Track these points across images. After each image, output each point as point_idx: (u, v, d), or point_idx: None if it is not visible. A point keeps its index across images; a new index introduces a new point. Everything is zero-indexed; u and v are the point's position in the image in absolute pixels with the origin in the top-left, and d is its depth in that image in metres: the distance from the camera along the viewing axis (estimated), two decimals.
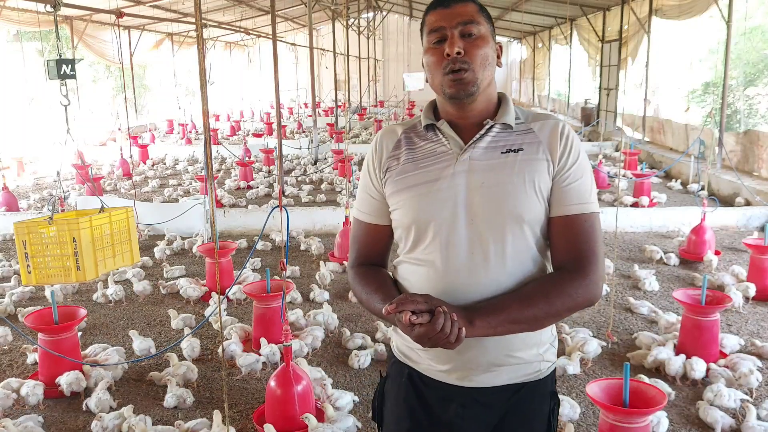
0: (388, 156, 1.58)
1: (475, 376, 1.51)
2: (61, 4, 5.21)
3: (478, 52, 1.45)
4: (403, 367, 1.62)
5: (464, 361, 1.50)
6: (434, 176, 1.50)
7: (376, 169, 1.60)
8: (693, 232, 6.25)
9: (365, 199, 1.64)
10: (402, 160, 1.56)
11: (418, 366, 1.58)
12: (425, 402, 1.57)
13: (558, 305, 1.44)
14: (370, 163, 1.62)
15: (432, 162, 1.52)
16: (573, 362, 3.98)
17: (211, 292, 5.40)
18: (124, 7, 13.84)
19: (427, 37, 1.51)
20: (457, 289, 1.46)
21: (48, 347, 3.88)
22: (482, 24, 1.48)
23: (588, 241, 1.50)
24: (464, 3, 1.48)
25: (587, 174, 1.52)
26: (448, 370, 1.52)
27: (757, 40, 20.73)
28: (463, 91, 1.46)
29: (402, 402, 1.61)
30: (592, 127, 16.20)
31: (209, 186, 3.34)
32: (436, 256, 1.49)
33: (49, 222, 3.94)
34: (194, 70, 24.89)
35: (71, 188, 10.77)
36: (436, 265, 1.49)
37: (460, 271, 1.47)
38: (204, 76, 3.05)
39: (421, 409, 1.58)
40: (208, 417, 3.46)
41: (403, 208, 1.53)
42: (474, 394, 1.52)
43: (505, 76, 31.29)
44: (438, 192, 1.49)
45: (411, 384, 1.59)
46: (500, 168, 1.47)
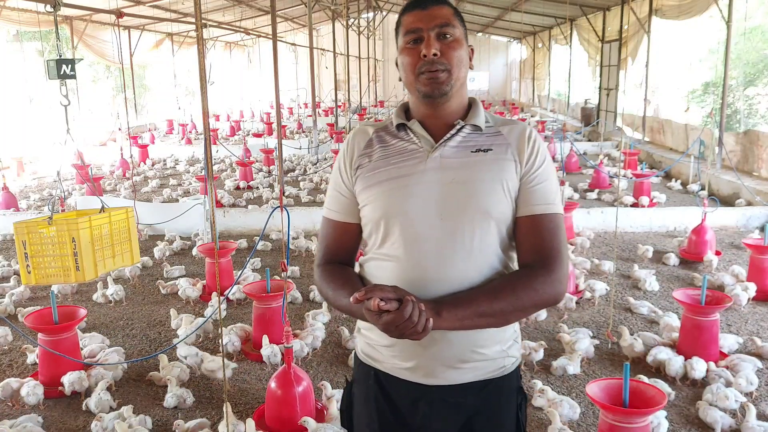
0: (360, 154, 1.61)
1: (441, 373, 1.52)
2: (61, 4, 5.21)
3: (454, 54, 1.51)
4: (368, 369, 1.63)
5: (429, 356, 1.51)
6: (405, 172, 1.53)
7: (347, 167, 1.62)
8: (693, 232, 6.25)
9: (335, 197, 1.65)
10: (374, 158, 1.58)
11: (383, 366, 1.59)
12: (393, 404, 1.59)
13: (524, 300, 1.47)
14: (341, 162, 1.64)
15: (403, 159, 1.55)
16: (573, 362, 3.98)
17: (211, 292, 5.40)
18: (124, 7, 13.84)
19: (403, 38, 1.54)
20: (425, 283, 1.49)
21: (48, 347, 3.88)
22: (457, 27, 1.53)
23: (553, 240, 1.53)
24: (440, 5, 1.52)
25: (552, 177, 1.57)
26: (412, 367, 1.53)
27: (757, 40, 20.73)
28: (437, 90, 1.50)
29: (371, 404, 1.62)
30: (592, 127, 16.20)
31: (209, 186, 3.34)
32: (405, 251, 1.51)
33: (49, 222, 3.93)
34: (194, 70, 24.90)
35: (72, 188, 10.78)
36: (405, 260, 1.51)
37: (428, 266, 1.49)
38: (204, 76, 3.05)
39: (390, 411, 1.59)
40: (208, 417, 3.46)
41: (374, 203, 1.55)
42: (440, 393, 1.54)
43: (505, 76, 31.31)
44: (408, 188, 1.52)
45: (377, 386, 1.60)
46: (470, 166, 1.52)
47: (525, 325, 4.81)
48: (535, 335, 4.61)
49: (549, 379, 3.96)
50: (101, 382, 3.72)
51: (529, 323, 4.82)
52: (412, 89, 1.55)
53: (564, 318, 4.85)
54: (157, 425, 3.51)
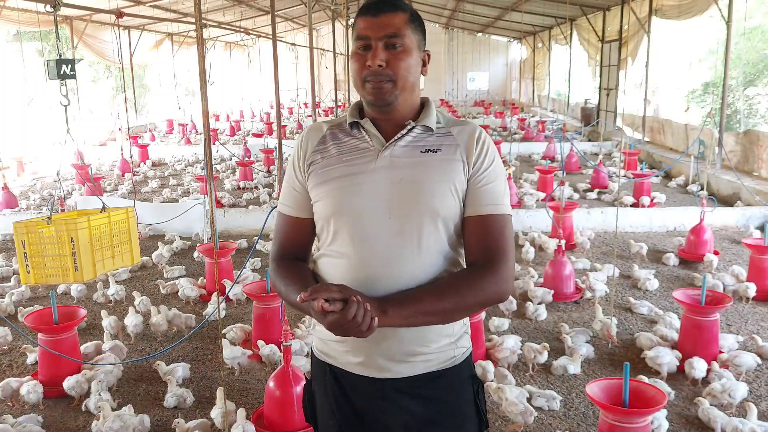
0: (313, 150, 1.62)
1: (392, 367, 1.55)
2: (61, 4, 5.21)
3: (401, 64, 1.52)
4: (323, 365, 1.66)
5: (380, 351, 1.54)
6: (356, 170, 1.56)
7: (300, 163, 1.64)
8: (692, 232, 6.25)
9: (289, 192, 1.67)
10: (326, 155, 1.60)
11: (337, 361, 1.61)
12: (349, 398, 1.61)
13: (469, 299, 1.49)
14: (294, 158, 1.66)
15: (354, 157, 1.58)
16: (574, 362, 3.98)
17: (211, 292, 5.40)
18: (124, 7, 13.84)
19: (353, 42, 1.57)
20: (373, 280, 1.51)
21: (48, 347, 3.87)
22: (407, 36, 1.53)
23: (499, 239, 1.55)
24: (394, 12, 1.52)
25: (501, 178, 1.60)
26: (364, 362, 1.56)
27: (757, 40, 20.74)
28: (381, 100, 1.54)
29: (330, 399, 1.64)
30: (592, 127, 16.19)
31: (209, 186, 3.33)
32: (354, 249, 1.53)
33: (48, 222, 3.93)
34: (194, 70, 24.90)
35: (71, 188, 10.77)
36: (354, 257, 1.53)
37: (376, 264, 1.52)
38: (204, 76, 3.04)
39: (347, 404, 1.62)
40: (208, 417, 3.46)
41: (324, 199, 1.57)
42: (393, 386, 1.56)
43: (505, 76, 31.29)
44: (358, 185, 1.54)
45: (334, 381, 1.63)
46: (419, 166, 1.55)
47: (525, 325, 4.81)
48: (535, 335, 4.61)
49: (549, 379, 3.96)
50: (94, 383, 3.68)
51: (530, 323, 4.82)
52: (360, 93, 1.59)
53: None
54: (156, 425, 3.51)
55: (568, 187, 9.05)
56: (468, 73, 30.70)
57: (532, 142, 14.90)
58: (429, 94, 1.66)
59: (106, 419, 3.27)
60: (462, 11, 23.10)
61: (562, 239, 5.41)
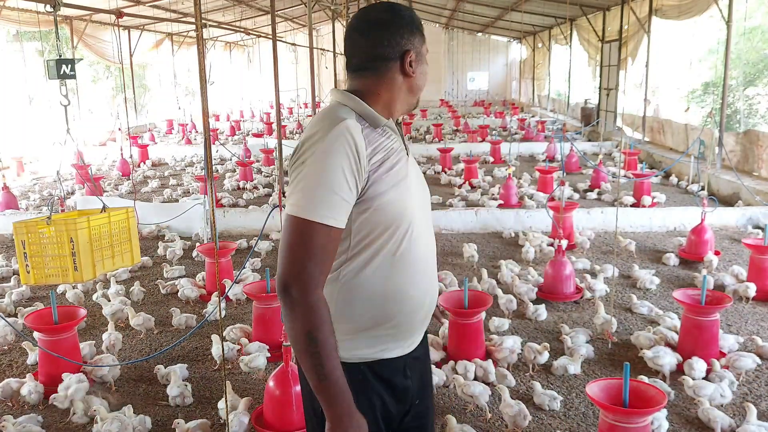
0: (370, 151, 1.53)
1: (420, 336, 1.75)
2: (60, 4, 5.21)
3: None
4: (356, 366, 1.61)
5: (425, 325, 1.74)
6: (405, 171, 1.61)
7: (358, 168, 1.49)
8: (693, 232, 6.25)
9: (338, 202, 1.46)
10: (380, 157, 1.55)
11: (379, 355, 1.63)
12: (387, 381, 1.66)
13: None
14: (348, 163, 1.47)
15: (398, 158, 1.60)
16: (574, 362, 3.98)
17: (211, 293, 5.40)
18: (124, 7, 13.84)
19: (425, 52, 1.72)
20: (433, 271, 1.71)
21: (48, 347, 3.87)
22: None
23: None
24: None
25: None
26: (411, 342, 1.70)
27: (757, 40, 20.74)
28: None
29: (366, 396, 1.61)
30: (592, 127, 16.19)
31: (209, 186, 3.33)
32: (420, 247, 1.62)
33: (48, 222, 3.93)
34: (194, 70, 24.89)
35: (71, 188, 10.77)
36: (423, 254, 1.63)
37: (429, 255, 1.69)
38: (204, 76, 3.04)
39: (385, 390, 1.66)
40: (208, 417, 3.46)
41: (395, 203, 1.55)
42: (413, 354, 1.71)
43: (505, 76, 31.28)
44: (411, 185, 1.62)
45: (371, 373, 1.63)
46: (413, 161, 1.72)
47: (525, 325, 4.81)
48: (535, 335, 4.61)
49: (549, 378, 3.95)
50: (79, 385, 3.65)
51: (530, 323, 4.82)
52: (412, 96, 1.69)
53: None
54: (157, 425, 3.51)
55: (568, 187, 9.05)
56: (468, 73, 30.71)
57: (532, 142, 14.90)
58: (429, 95, 1.83)
59: (104, 421, 3.27)
60: (462, 11, 23.10)
61: (563, 239, 5.41)
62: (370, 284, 1.56)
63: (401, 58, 1.61)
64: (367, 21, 1.64)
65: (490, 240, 7.21)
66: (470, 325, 4.13)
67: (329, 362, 1.44)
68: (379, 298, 1.57)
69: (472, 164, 10.58)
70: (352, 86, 1.66)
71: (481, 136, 15.62)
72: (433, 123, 17.95)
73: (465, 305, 4.14)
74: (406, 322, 1.62)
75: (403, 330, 1.64)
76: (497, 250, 6.83)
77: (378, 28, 1.61)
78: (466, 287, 4.17)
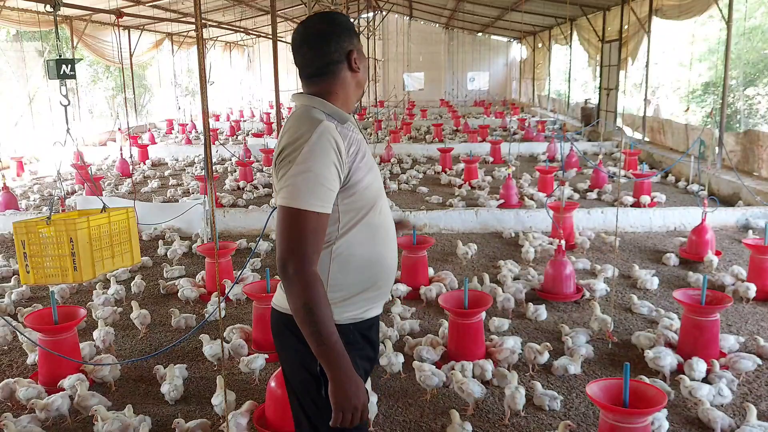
0: (347, 146, 1.79)
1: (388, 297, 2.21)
2: (60, 4, 5.21)
3: None
4: (348, 327, 1.88)
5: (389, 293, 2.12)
6: (372, 158, 1.92)
7: (341, 161, 1.76)
8: (693, 232, 6.25)
9: (326, 191, 1.73)
10: (354, 149, 1.82)
11: (362, 315, 1.92)
12: (368, 339, 1.98)
13: None
14: (333, 159, 1.74)
15: (365, 147, 1.89)
16: (574, 362, 3.98)
17: (211, 293, 5.40)
18: (124, 7, 13.84)
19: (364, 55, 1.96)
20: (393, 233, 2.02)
21: (48, 347, 3.87)
22: None
23: None
24: None
25: None
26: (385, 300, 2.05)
27: (757, 40, 20.73)
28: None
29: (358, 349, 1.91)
30: (592, 127, 16.20)
31: (209, 186, 3.34)
32: (387, 219, 1.97)
33: (47, 222, 3.93)
34: (194, 70, 24.89)
35: (71, 188, 10.77)
36: (387, 221, 1.97)
37: (391, 221, 2.02)
38: (204, 76, 3.04)
39: (368, 344, 1.98)
40: (208, 417, 3.46)
41: (371, 186, 1.86)
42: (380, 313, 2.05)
43: (505, 76, 31.29)
44: (375, 168, 1.92)
45: (358, 332, 1.92)
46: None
47: (525, 325, 4.81)
48: (535, 335, 4.61)
49: (549, 378, 3.95)
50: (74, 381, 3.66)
51: (530, 323, 4.82)
52: (353, 98, 1.94)
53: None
54: (157, 425, 3.51)
55: (568, 187, 9.05)
56: (468, 73, 30.72)
57: (532, 142, 14.91)
58: (429, 95, 1.99)
59: (105, 421, 3.27)
60: (462, 11, 23.11)
61: (562, 239, 5.41)
62: (360, 254, 1.86)
63: (347, 58, 1.88)
64: (312, 34, 1.88)
65: (490, 240, 7.21)
66: (470, 325, 4.13)
67: (325, 329, 1.68)
68: (366, 266, 1.88)
69: (472, 164, 10.58)
70: (311, 91, 1.90)
71: (481, 136, 15.62)
72: (433, 123, 17.95)
73: (465, 305, 4.14)
74: (385, 285, 1.96)
75: (383, 292, 1.97)
76: (497, 250, 6.83)
77: (324, 38, 1.86)
78: (466, 287, 4.17)
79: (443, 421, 3.48)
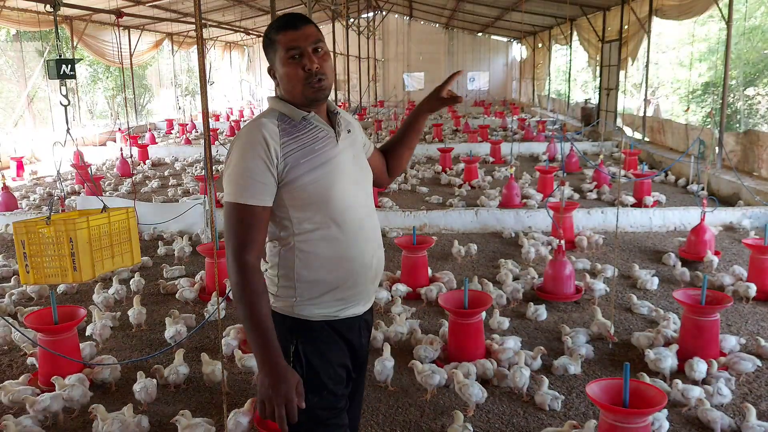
0: (281, 143, 1.83)
1: (372, 298, 2.05)
2: (60, 4, 5.22)
3: (327, 65, 1.90)
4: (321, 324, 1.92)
5: (374, 287, 2.03)
6: (330, 155, 1.89)
7: (269, 156, 1.80)
8: (692, 232, 6.25)
9: (253, 184, 1.79)
10: (301, 145, 1.86)
11: (330, 315, 1.92)
12: (345, 339, 1.97)
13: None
14: (259, 152, 1.79)
15: (324, 145, 1.90)
16: (574, 362, 3.98)
17: (211, 293, 5.40)
18: (124, 7, 13.84)
19: (285, 52, 1.86)
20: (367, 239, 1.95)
21: (48, 347, 3.87)
22: (324, 41, 1.91)
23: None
24: (310, 24, 1.89)
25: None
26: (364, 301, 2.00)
27: (757, 40, 20.73)
28: (321, 95, 1.89)
29: (335, 348, 1.94)
30: (592, 127, 16.20)
31: (209, 186, 3.34)
32: (343, 217, 1.88)
33: (47, 222, 3.93)
34: (194, 70, 24.90)
35: (72, 189, 10.76)
36: (351, 220, 1.90)
37: (363, 220, 1.94)
38: (204, 76, 3.05)
39: (347, 347, 1.98)
40: (207, 416, 3.46)
41: (316, 184, 1.84)
42: (366, 314, 2.03)
43: (505, 76, 31.29)
44: (337, 167, 1.89)
45: (332, 330, 1.93)
46: (354, 143, 2.01)
47: (526, 325, 4.81)
48: (535, 335, 4.61)
49: (549, 378, 3.95)
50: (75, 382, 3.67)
51: (530, 323, 4.82)
52: (297, 94, 1.88)
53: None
54: (157, 425, 3.51)
55: (568, 187, 9.05)
56: (468, 73, 30.71)
57: (533, 142, 14.91)
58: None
59: (105, 421, 3.27)
60: (462, 11, 23.12)
61: (562, 239, 5.41)
62: (323, 252, 1.87)
63: (270, 72, 1.97)
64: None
65: (490, 240, 7.21)
66: (470, 325, 4.13)
67: (255, 317, 1.76)
68: (333, 264, 1.88)
69: (472, 164, 10.58)
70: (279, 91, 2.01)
71: (482, 136, 15.62)
72: (433, 123, 17.95)
73: (465, 305, 4.14)
74: (359, 284, 1.93)
75: (358, 291, 1.94)
76: (497, 250, 6.83)
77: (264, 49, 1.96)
78: (466, 287, 4.17)
79: (443, 421, 3.48)
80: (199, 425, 3.24)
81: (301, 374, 1.84)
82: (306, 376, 1.87)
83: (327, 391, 1.91)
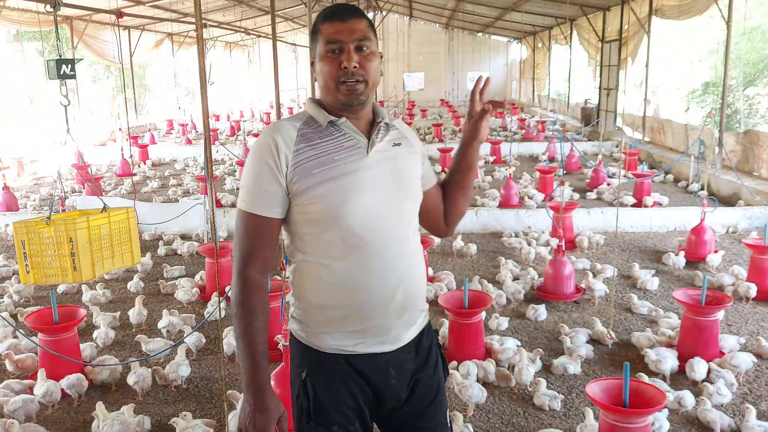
0: (294, 151, 1.64)
1: (404, 335, 1.72)
2: (61, 4, 5.21)
3: (371, 66, 1.66)
4: (334, 356, 1.69)
5: (401, 323, 1.71)
6: (352, 168, 1.64)
7: (278, 164, 1.62)
8: (692, 232, 6.25)
9: (259, 192, 1.63)
10: (310, 155, 1.64)
11: (349, 350, 1.68)
12: (364, 376, 1.70)
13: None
14: (268, 159, 1.62)
15: (347, 155, 1.66)
16: (574, 362, 3.98)
17: (211, 293, 5.40)
18: (124, 7, 13.83)
19: (324, 46, 1.65)
20: (391, 266, 1.67)
21: (48, 347, 3.87)
22: (372, 40, 1.67)
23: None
24: (359, 18, 1.66)
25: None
26: (384, 340, 1.69)
27: (757, 40, 20.73)
28: (356, 99, 1.65)
29: (347, 385, 1.69)
30: (592, 127, 16.19)
31: (209, 186, 3.34)
32: (376, 239, 1.65)
33: (47, 222, 3.93)
34: (194, 70, 24.88)
35: (72, 189, 10.76)
36: (370, 243, 1.64)
37: (389, 245, 1.66)
38: (204, 76, 3.04)
39: (363, 382, 1.70)
40: (207, 416, 3.46)
41: (326, 198, 1.61)
42: (399, 353, 1.72)
43: (505, 76, 31.29)
44: (359, 181, 1.64)
45: (350, 366, 1.69)
46: (397, 158, 1.72)
47: (525, 325, 4.81)
48: (535, 335, 4.61)
49: (549, 378, 3.95)
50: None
51: (530, 323, 4.82)
52: (330, 95, 1.67)
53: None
54: (157, 425, 3.51)
55: (568, 187, 9.05)
56: (468, 73, 30.70)
57: (532, 142, 14.90)
58: (429, 94, 1.84)
59: (105, 421, 3.27)
60: (462, 11, 23.10)
61: (562, 239, 5.41)
62: (329, 274, 1.65)
63: (312, 67, 1.74)
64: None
65: (490, 240, 7.21)
66: (470, 325, 4.13)
67: (247, 333, 1.62)
68: (341, 291, 1.65)
69: None
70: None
71: None
72: (433, 123, 17.94)
73: (465, 305, 4.14)
74: (377, 316, 1.66)
75: (376, 325, 1.67)
76: (497, 250, 6.83)
77: (310, 38, 1.76)
78: (466, 287, 4.17)
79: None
80: (198, 427, 3.24)
81: (306, 406, 1.69)
82: (312, 409, 1.70)
83: (338, 425, 1.70)
